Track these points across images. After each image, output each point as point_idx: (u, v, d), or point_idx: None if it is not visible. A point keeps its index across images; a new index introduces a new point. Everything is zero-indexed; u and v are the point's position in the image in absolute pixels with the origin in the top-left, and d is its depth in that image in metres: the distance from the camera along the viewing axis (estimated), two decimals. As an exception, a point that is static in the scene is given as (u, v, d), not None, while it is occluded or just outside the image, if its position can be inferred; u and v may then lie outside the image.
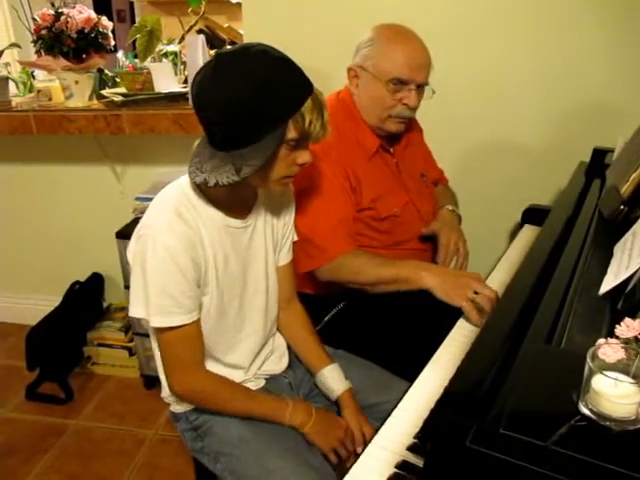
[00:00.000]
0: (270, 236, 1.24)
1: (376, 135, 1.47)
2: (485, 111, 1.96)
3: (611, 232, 1.09)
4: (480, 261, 1.69)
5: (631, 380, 0.55)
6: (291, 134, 0.99)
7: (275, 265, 1.28)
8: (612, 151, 1.59)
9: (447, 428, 0.61)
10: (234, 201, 1.12)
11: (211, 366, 1.18)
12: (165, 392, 1.26)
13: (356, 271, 1.37)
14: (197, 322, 1.10)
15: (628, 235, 1.00)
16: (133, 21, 5.10)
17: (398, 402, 1.04)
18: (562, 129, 1.92)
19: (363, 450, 0.96)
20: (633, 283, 0.84)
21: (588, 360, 0.56)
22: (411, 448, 0.92)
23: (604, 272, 0.93)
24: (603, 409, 0.54)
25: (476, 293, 1.25)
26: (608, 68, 1.81)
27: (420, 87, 1.39)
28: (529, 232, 1.72)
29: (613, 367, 0.56)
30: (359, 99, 1.45)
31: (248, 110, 0.95)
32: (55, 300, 2.27)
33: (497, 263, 1.55)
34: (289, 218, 1.30)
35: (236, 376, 1.22)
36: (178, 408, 1.24)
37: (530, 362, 0.70)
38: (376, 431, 0.99)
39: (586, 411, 0.56)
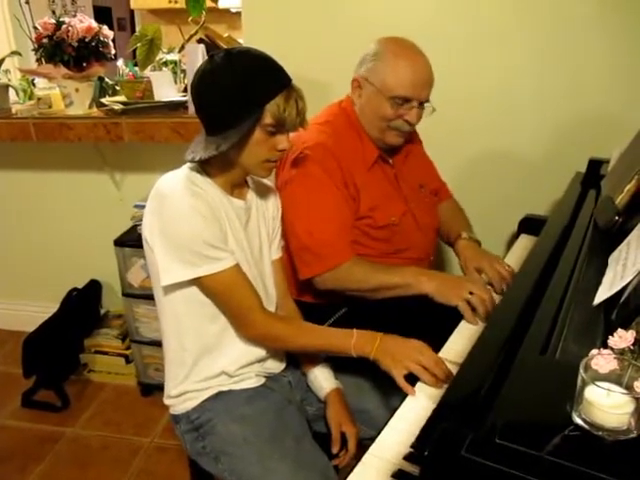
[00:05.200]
0: (263, 224, 1.31)
1: (376, 146, 1.48)
2: (482, 123, 1.98)
3: (606, 242, 1.09)
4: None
5: (623, 390, 0.56)
6: (267, 119, 1.10)
7: (269, 257, 1.33)
8: (607, 162, 1.60)
9: (443, 437, 0.61)
10: (230, 182, 1.21)
11: (232, 346, 1.23)
12: (166, 395, 1.27)
13: (358, 279, 1.39)
14: (239, 266, 1.17)
15: (623, 245, 1.01)
16: (133, 29, 5.13)
17: (395, 410, 1.04)
18: (558, 140, 1.93)
19: (360, 459, 0.96)
20: (627, 293, 0.85)
21: (581, 371, 0.57)
22: (407, 457, 0.92)
23: (599, 282, 0.94)
24: (596, 419, 0.55)
25: (472, 294, 1.30)
26: (604, 82, 1.83)
27: (421, 104, 1.41)
28: (525, 242, 1.73)
29: (606, 378, 0.57)
30: (361, 109, 1.47)
31: (225, 97, 1.09)
32: (52, 307, 2.27)
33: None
34: (277, 213, 1.37)
35: (257, 354, 1.26)
36: (178, 409, 1.26)
37: (525, 373, 0.71)
38: (373, 440, 0.99)
39: (579, 421, 0.56)
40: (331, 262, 1.38)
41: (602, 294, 0.90)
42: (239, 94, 1.08)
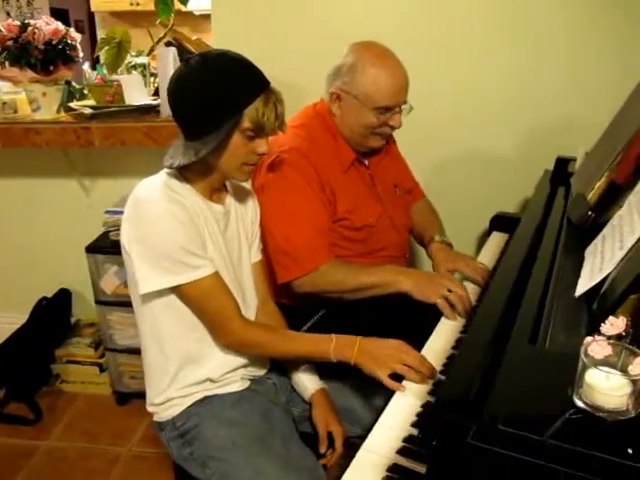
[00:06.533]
0: (242, 228, 1.31)
1: (352, 149, 1.50)
2: (452, 124, 2.02)
3: (581, 237, 1.14)
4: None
5: (621, 373, 0.59)
6: (246, 124, 1.10)
7: (249, 260, 1.34)
8: (574, 160, 1.67)
9: (448, 427, 0.63)
10: (209, 187, 1.21)
11: (215, 352, 1.23)
12: (149, 402, 1.26)
13: (336, 281, 1.41)
14: (218, 274, 1.17)
15: (598, 239, 1.05)
16: (92, 32, 5.02)
17: (384, 407, 1.06)
18: (526, 140, 1.99)
19: (347, 457, 0.98)
20: (607, 285, 0.89)
21: (582, 356, 0.60)
22: (400, 451, 0.94)
23: (578, 275, 0.98)
24: (596, 401, 0.58)
25: (450, 291, 1.34)
26: (568, 86, 1.90)
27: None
28: (498, 239, 1.78)
29: (601, 363, 0.61)
30: (341, 120, 1.47)
31: (203, 102, 1.08)
32: (21, 317, 2.21)
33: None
34: (255, 217, 1.37)
35: (241, 358, 1.26)
36: (163, 416, 1.25)
37: (519, 362, 0.74)
38: (359, 438, 1.00)
39: (581, 404, 0.60)
40: (308, 266, 1.39)
41: (582, 286, 0.93)
42: (217, 99, 1.08)
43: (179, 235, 1.10)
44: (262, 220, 1.39)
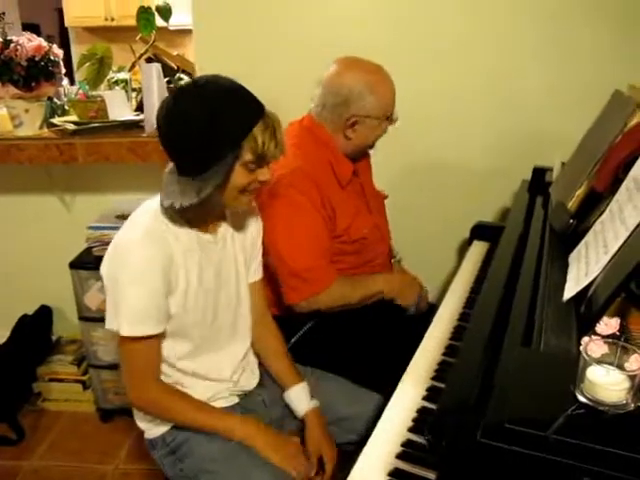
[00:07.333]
0: (240, 252, 1.30)
1: (350, 160, 1.52)
2: (430, 133, 2.07)
3: (563, 244, 1.19)
4: (434, 275, 1.80)
5: (619, 370, 0.63)
6: (247, 156, 1.07)
7: (246, 282, 1.33)
8: (551, 170, 1.73)
9: (457, 427, 0.66)
10: (204, 218, 1.19)
11: (198, 383, 1.23)
12: (139, 419, 1.26)
13: (341, 296, 1.46)
14: (160, 336, 1.15)
15: (581, 246, 1.10)
16: (65, 47, 4.98)
17: (379, 414, 1.08)
18: (503, 152, 2.06)
19: (350, 463, 0.99)
20: (593, 289, 0.94)
21: (583, 354, 0.64)
22: (400, 456, 0.97)
23: (564, 280, 1.03)
24: (598, 396, 0.62)
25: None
26: (545, 97, 1.99)
27: None
28: (479, 248, 1.83)
29: (599, 361, 0.65)
30: (356, 141, 1.49)
31: (200, 138, 1.04)
32: (2, 335, 2.17)
33: (454, 276, 1.64)
34: (257, 236, 1.35)
35: (221, 389, 1.26)
36: (153, 433, 1.25)
37: (516, 364, 0.77)
38: (364, 442, 1.03)
39: (583, 399, 0.64)
40: (319, 286, 1.42)
41: (570, 290, 0.98)
42: (214, 134, 1.04)
43: (144, 289, 1.09)
44: (269, 242, 1.40)
